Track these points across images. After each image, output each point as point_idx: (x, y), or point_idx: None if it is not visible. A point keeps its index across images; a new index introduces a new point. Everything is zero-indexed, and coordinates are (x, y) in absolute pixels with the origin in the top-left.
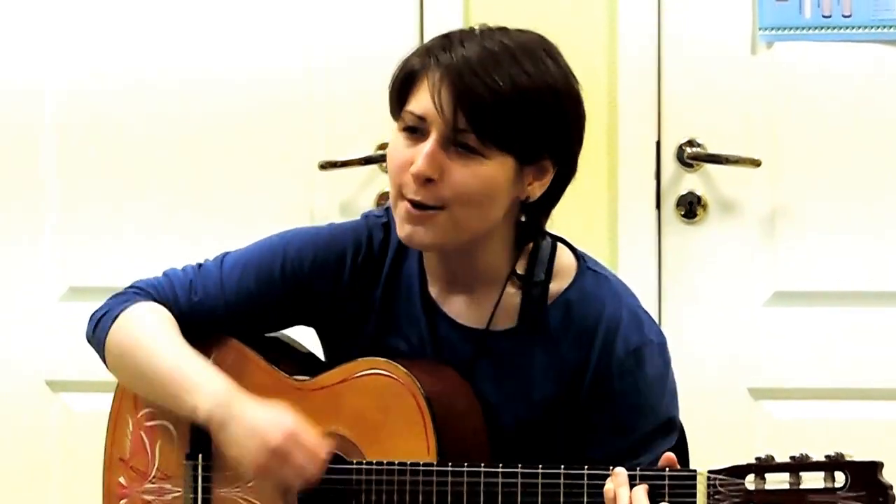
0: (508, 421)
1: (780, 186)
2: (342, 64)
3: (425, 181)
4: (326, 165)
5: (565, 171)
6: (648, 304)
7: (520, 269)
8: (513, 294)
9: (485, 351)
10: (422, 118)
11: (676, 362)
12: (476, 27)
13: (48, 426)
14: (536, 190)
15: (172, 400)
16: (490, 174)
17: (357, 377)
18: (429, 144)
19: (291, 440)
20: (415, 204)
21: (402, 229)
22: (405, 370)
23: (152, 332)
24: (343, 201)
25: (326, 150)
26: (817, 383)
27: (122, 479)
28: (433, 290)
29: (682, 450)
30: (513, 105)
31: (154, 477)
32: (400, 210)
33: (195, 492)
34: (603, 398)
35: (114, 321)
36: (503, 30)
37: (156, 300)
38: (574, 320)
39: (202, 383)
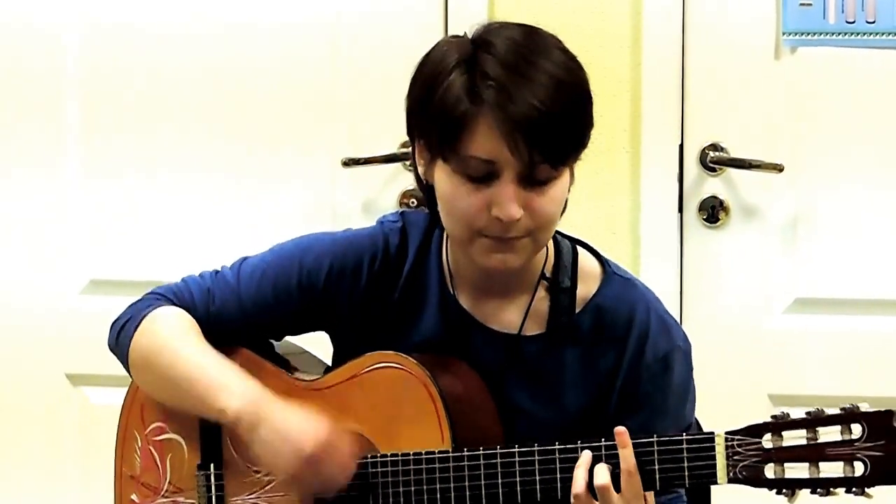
0: (542, 427)
1: (803, 192)
2: (366, 60)
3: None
4: (349, 162)
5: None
6: (670, 308)
7: (548, 271)
8: (542, 299)
9: (516, 357)
10: (490, 162)
11: (697, 367)
12: (494, 39)
13: (68, 419)
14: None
15: (199, 402)
16: (561, 192)
17: (367, 371)
18: (509, 187)
19: (326, 449)
20: (501, 239)
21: (489, 259)
22: (415, 361)
23: (177, 335)
24: (366, 199)
25: (349, 146)
26: (838, 391)
27: (133, 497)
28: (463, 297)
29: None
30: (574, 127)
31: (166, 491)
32: (481, 244)
33: (209, 501)
34: (630, 402)
35: (137, 327)
36: (524, 38)
37: (175, 305)
38: (605, 326)
39: (230, 384)
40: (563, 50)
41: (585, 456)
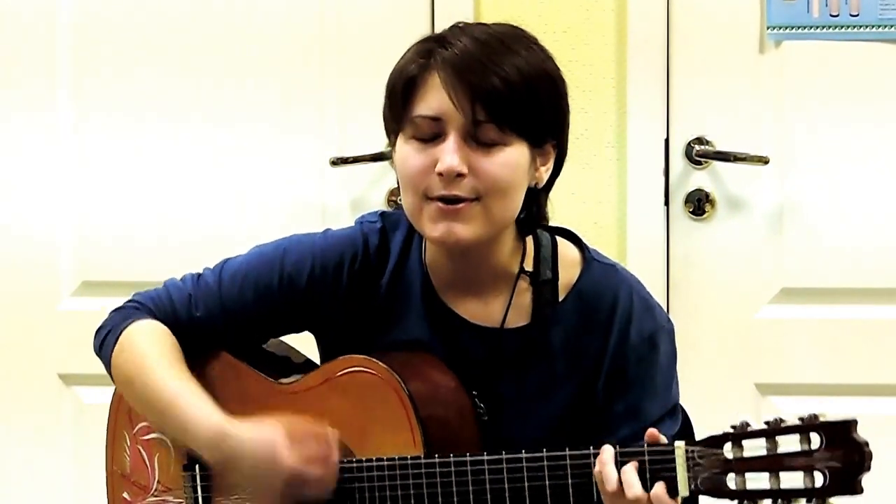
0: (531, 419)
1: (788, 184)
2: (353, 59)
3: (455, 177)
4: (338, 161)
5: (562, 152)
6: (657, 300)
7: (527, 266)
8: (523, 291)
9: (501, 350)
10: (436, 119)
11: (685, 357)
12: (455, 26)
13: (61, 419)
14: (543, 175)
15: (172, 434)
16: (513, 160)
17: (338, 376)
18: (451, 141)
19: (298, 461)
20: (448, 199)
21: (436, 229)
22: (384, 365)
23: (149, 359)
24: (354, 197)
25: (338, 146)
26: (824, 379)
27: (125, 495)
28: (442, 293)
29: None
30: (523, 90)
31: (156, 490)
32: (429, 211)
33: (196, 501)
34: (618, 385)
35: (116, 342)
36: (483, 24)
37: (156, 316)
38: (588, 312)
39: (194, 422)
40: (535, 43)
41: (608, 452)
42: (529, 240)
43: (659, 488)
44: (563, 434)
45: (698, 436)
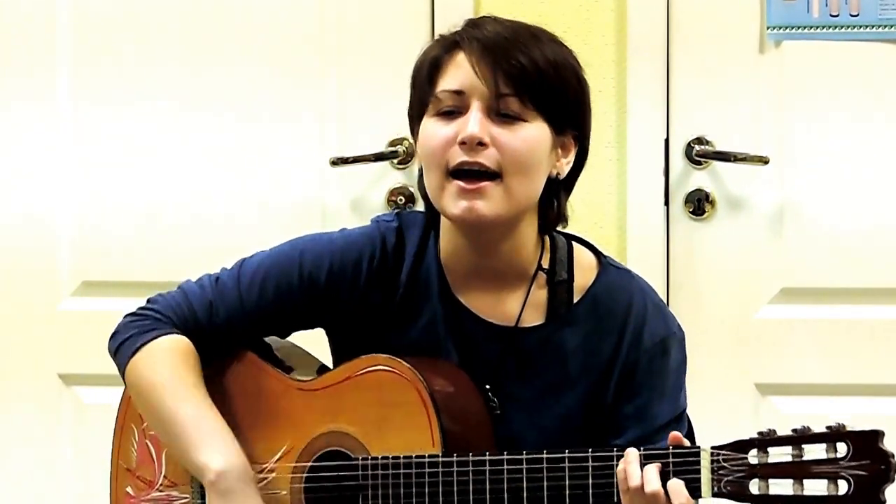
0: (542, 419)
1: (788, 184)
2: (354, 60)
3: (477, 145)
4: (338, 161)
5: (583, 151)
6: None
7: (544, 264)
8: (539, 291)
9: (513, 349)
10: (459, 92)
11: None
12: (485, 16)
13: (61, 419)
14: (564, 167)
15: (182, 453)
16: (534, 136)
17: (360, 374)
18: (474, 111)
19: None
20: (469, 173)
21: (457, 206)
22: (408, 365)
23: (169, 377)
24: (354, 198)
25: (338, 146)
26: (824, 379)
27: (129, 489)
28: (462, 294)
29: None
30: (546, 71)
31: (161, 485)
32: (451, 190)
33: (202, 498)
34: (628, 387)
35: (133, 354)
36: (516, 20)
37: (176, 326)
38: (602, 315)
39: (216, 445)
40: (562, 42)
41: (633, 453)
42: (546, 240)
43: (676, 481)
44: (571, 434)
45: (698, 438)
